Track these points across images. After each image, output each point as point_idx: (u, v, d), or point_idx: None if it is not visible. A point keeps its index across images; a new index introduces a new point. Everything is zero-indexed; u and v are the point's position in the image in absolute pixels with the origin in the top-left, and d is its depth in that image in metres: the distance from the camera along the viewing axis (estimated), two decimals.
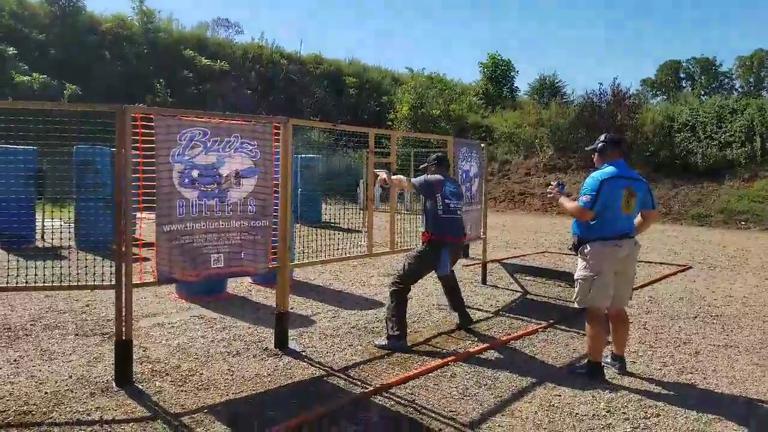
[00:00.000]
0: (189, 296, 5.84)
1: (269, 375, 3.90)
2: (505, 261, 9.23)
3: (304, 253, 7.41)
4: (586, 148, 4.48)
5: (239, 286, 6.65)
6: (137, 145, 3.64)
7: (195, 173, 3.82)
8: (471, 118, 26.53)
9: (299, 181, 14.27)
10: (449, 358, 4.32)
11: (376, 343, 4.65)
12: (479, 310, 6.01)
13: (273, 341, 4.47)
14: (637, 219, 4.19)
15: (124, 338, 3.53)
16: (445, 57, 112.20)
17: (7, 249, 7.95)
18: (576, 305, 4.19)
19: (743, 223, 15.70)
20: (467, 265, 8.62)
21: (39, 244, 8.99)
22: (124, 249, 3.54)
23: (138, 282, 3.67)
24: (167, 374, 3.82)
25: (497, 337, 4.98)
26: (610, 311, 4.15)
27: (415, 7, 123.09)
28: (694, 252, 10.74)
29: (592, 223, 3.98)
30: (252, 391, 3.61)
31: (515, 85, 34.46)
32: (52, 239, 7.00)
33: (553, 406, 3.58)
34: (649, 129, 20.00)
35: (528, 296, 6.79)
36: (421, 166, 5.33)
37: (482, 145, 7.46)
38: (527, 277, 7.83)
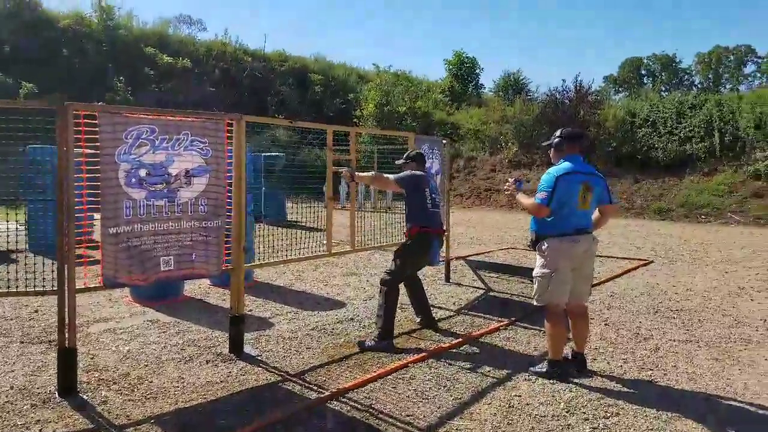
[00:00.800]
0: (143, 300, 5.65)
1: (222, 381, 3.76)
2: (469, 258, 9.20)
3: (265, 253, 7.26)
4: (542, 143, 4.42)
5: (197, 288, 6.46)
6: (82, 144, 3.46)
7: (142, 172, 3.65)
8: (437, 115, 26.62)
9: (262, 180, 14.11)
10: (408, 359, 4.25)
11: (367, 344, 4.53)
12: (441, 308, 5.96)
13: (228, 346, 4.33)
14: (595, 214, 4.17)
15: (67, 346, 3.35)
16: (411, 55, 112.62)
17: None
18: (535, 303, 4.14)
19: (703, 216, 16.07)
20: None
21: None
22: (66, 252, 3.35)
23: (82, 287, 3.48)
24: (114, 383, 3.65)
25: (458, 337, 4.93)
26: (569, 307, 4.11)
27: (383, 5, 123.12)
28: (656, 246, 10.92)
29: (548, 219, 3.95)
30: (203, 398, 3.47)
31: (480, 82, 34.82)
32: (7, 242, 6.75)
33: (513, 407, 3.54)
34: (611, 125, 20.33)
35: (491, 293, 6.77)
36: (398, 162, 5.31)
37: (444, 141, 7.40)
38: (491, 274, 7.82)
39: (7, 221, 8.29)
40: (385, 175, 5.12)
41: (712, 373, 4.18)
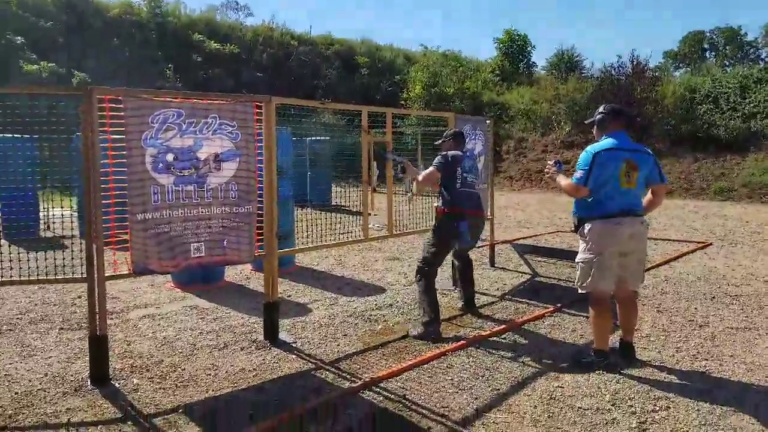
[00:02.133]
0: (184, 285, 5.70)
1: (254, 369, 3.72)
2: (515, 242, 8.93)
3: (309, 238, 7.22)
4: (585, 122, 4.19)
5: (238, 273, 6.49)
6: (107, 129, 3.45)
7: (170, 157, 3.61)
8: (486, 95, 25.99)
9: (308, 165, 14.14)
10: (446, 348, 4.10)
11: (412, 333, 4.40)
12: (485, 294, 5.77)
13: (263, 333, 4.30)
14: (648, 196, 3.90)
15: (98, 334, 3.37)
16: (461, 35, 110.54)
17: (9, 240, 7.89)
18: (579, 290, 3.87)
19: (767, 197, 15.13)
20: (477, 247, 8.35)
21: (43, 233, 8.93)
22: (95, 239, 3.36)
23: (112, 274, 3.49)
24: (147, 370, 3.66)
25: (500, 323, 4.74)
26: (618, 295, 3.86)
27: None
28: (715, 228, 10.32)
29: (589, 201, 3.72)
30: (234, 387, 3.44)
31: (532, 60, 33.75)
32: (58, 229, 7.00)
33: (554, 398, 3.35)
34: (669, 102, 19.34)
35: (537, 278, 6.52)
36: (437, 142, 5.20)
37: (488, 121, 7.13)
38: (538, 259, 7.55)
39: (62, 207, 8.56)
40: (423, 172, 4.89)
41: None
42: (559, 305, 5.25)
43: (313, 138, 14.17)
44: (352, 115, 18.16)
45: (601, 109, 3.91)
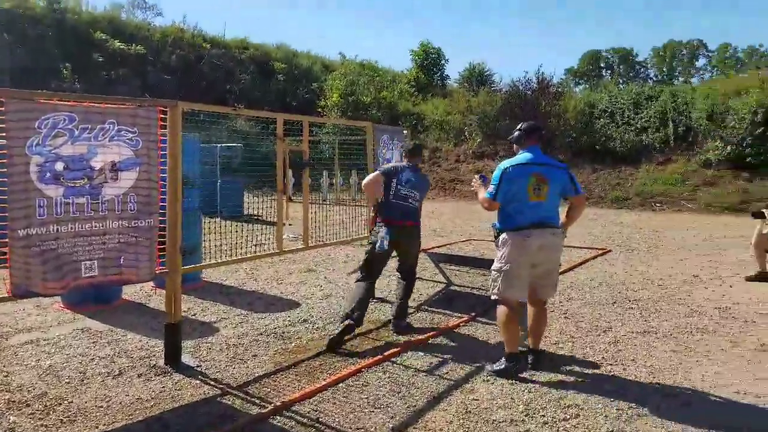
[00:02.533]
0: (76, 305, 5.21)
1: (153, 398, 3.43)
2: (430, 251, 9.01)
3: (218, 251, 6.89)
4: (508, 139, 4.38)
5: (138, 291, 6.06)
6: None
7: (59, 166, 3.26)
8: (402, 105, 26.32)
9: (218, 173, 13.63)
10: (361, 364, 4.00)
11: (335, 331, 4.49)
12: None
13: (164, 357, 4.00)
14: (569, 208, 4.12)
15: None
16: (377, 46, 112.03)
17: None
18: (491, 296, 4.01)
19: (658, 204, 16.28)
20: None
21: None
22: None
23: None
24: (27, 405, 3.27)
25: (416, 336, 4.70)
26: (530, 303, 4.03)
27: None
28: (613, 235, 10.93)
29: (504, 213, 3.92)
30: (129, 419, 3.14)
31: (446, 73, 34.64)
32: None
33: (469, 412, 3.33)
34: (571, 116, 20.44)
35: (451, 287, 6.57)
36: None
37: (405, 131, 7.15)
38: (452, 267, 7.64)
39: None
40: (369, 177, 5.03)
41: (671, 366, 4.08)
42: (473, 314, 5.31)
43: (224, 145, 13.68)
44: (266, 121, 17.71)
45: (518, 127, 4.11)
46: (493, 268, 3.97)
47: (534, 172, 3.85)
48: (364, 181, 4.95)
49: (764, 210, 6.94)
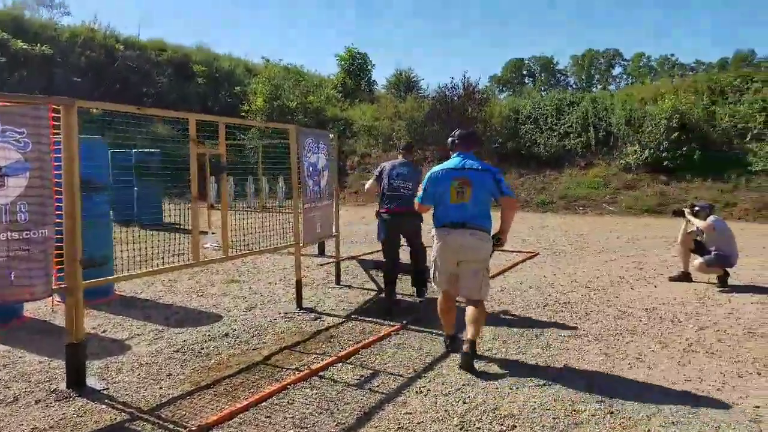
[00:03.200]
0: None
1: (51, 427, 3.04)
2: (361, 257, 8.83)
3: (135, 261, 6.40)
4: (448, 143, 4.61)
5: (43, 307, 5.51)
6: None
7: None
8: (330, 110, 26.06)
9: (134, 179, 12.88)
10: (286, 380, 3.74)
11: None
12: (330, 314, 5.50)
13: (66, 380, 3.58)
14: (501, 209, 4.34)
15: None
16: (303, 50, 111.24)
17: None
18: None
19: (581, 208, 16.87)
20: (322, 265, 8.10)
21: None
22: None
23: None
24: None
25: (346, 346, 4.49)
26: (465, 302, 4.27)
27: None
28: (540, 238, 11.15)
29: (434, 213, 4.28)
30: None
31: (373, 78, 34.69)
32: None
33: (402, 428, 3.15)
34: (497, 121, 20.88)
35: (382, 295, 6.39)
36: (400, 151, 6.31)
37: (331, 135, 6.92)
38: (382, 274, 7.48)
39: None
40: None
41: (604, 370, 4.06)
42: (404, 322, 5.15)
43: (140, 150, 12.95)
44: (187, 125, 16.89)
45: (452, 133, 4.46)
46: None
47: (457, 176, 4.14)
48: (365, 188, 6.05)
49: (684, 209, 7.18)
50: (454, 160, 4.24)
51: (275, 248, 5.94)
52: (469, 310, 4.13)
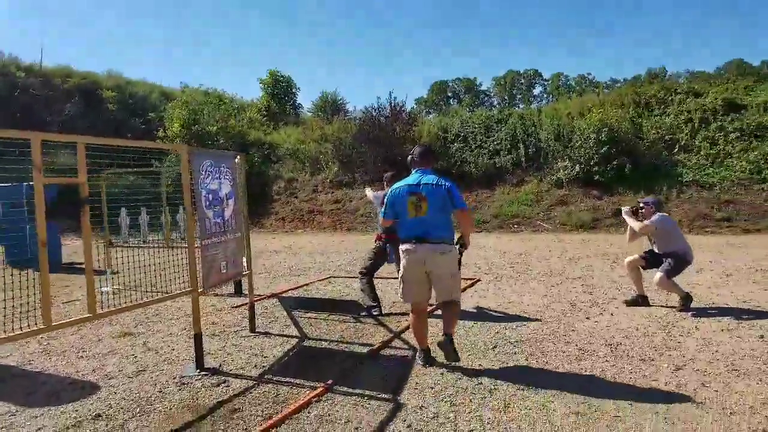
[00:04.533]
0: None
1: None
2: (283, 294, 7.80)
3: (22, 311, 5.13)
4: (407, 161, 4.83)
5: None
6: None
7: None
8: (252, 134, 24.90)
9: (26, 215, 11.30)
10: None
11: (362, 314, 6.33)
12: (238, 376, 4.45)
13: None
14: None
15: None
16: (226, 76, 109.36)
17: None
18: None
19: (516, 226, 16.49)
20: (237, 306, 7.00)
21: None
22: None
23: None
24: None
25: (252, 427, 3.47)
26: (438, 303, 4.58)
27: (194, 22, 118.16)
28: (479, 261, 10.48)
29: (398, 228, 4.55)
30: None
31: (298, 102, 33.90)
32: None
33: None
34: (426, 141, 20.42)
35: (305, 343, 5.40)
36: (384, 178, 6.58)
37: (236, 159, 5.90)
38: (308, 315, 6.50)
39: None
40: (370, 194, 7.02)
41: None
42: (330, 382, 4.17)
43: (32, 183, 11.37)
44: (94, 154, 15.32)
45: (411, 151, 4.73)
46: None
47: (413, 191, 4.38)
48: (380, 222, 5.51)
49: (622, 208, 6.60)
50: (412, 177, 4.49)
51: (161, 298, 4.81)
52: (445, 309, 4.49)
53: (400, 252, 4.46)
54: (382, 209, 4.67)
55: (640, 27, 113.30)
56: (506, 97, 72.37)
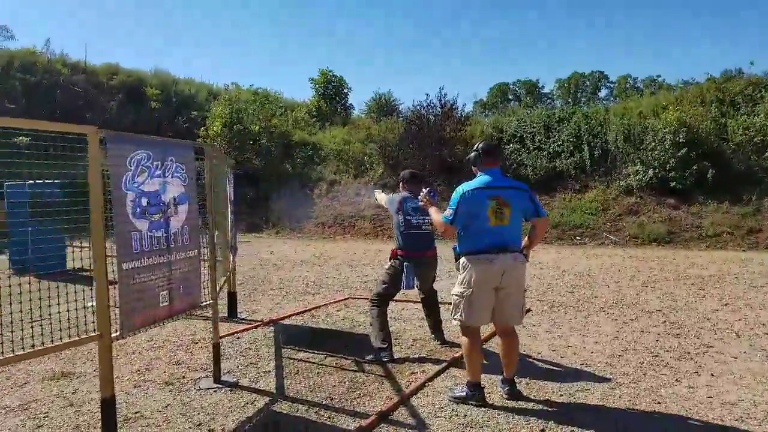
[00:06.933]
0: None
1: None
2: (284, 320, 6.37)
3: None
4: (465, 160, 4.20)
5: None
6: None
7: None
8: (297, 135, 23.80)
9: (29, 217, 10.41)
10: None
11: (367, 358, 4.76)
12: None
13: None
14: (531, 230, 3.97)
15: None
16: (282, 75, 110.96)
17: None
18: (452, 320, 3.89)
19: (578, 237, 14.53)
20: (225, 336, 5.58)
21: None
22: None
23: None
24: None
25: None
26: (497, 329, 3.97)
27: (255, 24, 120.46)
28: (532, 281, 8.73)
29: (464, 236, 3.80)
30: None
31: (349, 102, 32.76)
32: None
33: None
34: (478, 141, 18.67)
35: (277, 405, 3.90)
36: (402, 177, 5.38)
37: (191, 147, 4.39)
38: (301, 354, 5.03)
39: None
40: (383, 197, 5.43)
41: None
42: None
43: (35, 181, 10.47)
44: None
45: (475, 146, 4.00)
46: (453, 292, 3.83)
47: (494, 195, 3.76)
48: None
49: None
50: (484, 178, 3.85)
51: (56, 346, 3.39)
52: (506, 344, 3.90)
53: (470, 266, 3.72)
54: (447, 214, 3.80)
55: (716, 27, 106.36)
56: (569, 100, 69.18)
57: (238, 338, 5.64)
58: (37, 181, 10.55)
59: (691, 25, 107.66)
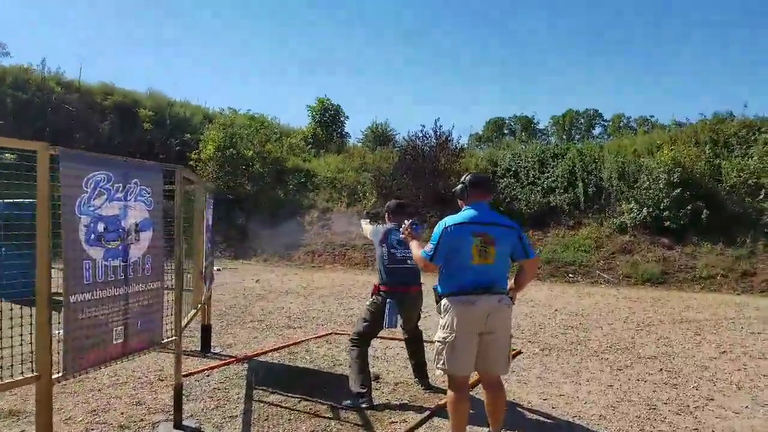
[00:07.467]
0: None
1: None
2: (259, 356, 6.00)
3: None
4: (452, 192, 3.87)
5: None
6: None
7: None
8: (291, 161, 23.61)
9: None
10: None
11: (345, 403, 4.38)
12: None
13: None
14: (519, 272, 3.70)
15: None
16: (280, 103, 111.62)
17: None
18: (436, 369, 3.53)
19: (571, 275, 14.22)
20: (186, 375, 5.21)
21: None
22: None
23: None
24: None
25: None
26: (482, 379, 3.64)
27: (252, 53, 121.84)
28: (522, 321, 8.40)
29: (445, 275, 3.49)
30: None
31: (346, 131, 32.72)
32: None
33: None
34: (467, 173, 18.48)
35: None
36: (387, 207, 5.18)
37: (160, 169, 4.16)
38: (275, 395, 4.67)
39: None
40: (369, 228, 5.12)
41: None
42: None
43: (5, 201, 10.11)
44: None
45: (462, 178, 3.70)
46: (436, 338, 3.50)
47: (479, 231, 3.45)
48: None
49: None
50: (468, 212, 3.55)
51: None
52: (491, 395, 3.55)
53: (452, 308, 3.42)
54: (427, 249, 3.50)
55: (707, 73, 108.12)
56: (564, 137, 69.72)
57: (207, 376, 5.27)
58: (6, 201, 10.20)
59: (683, 70, 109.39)
